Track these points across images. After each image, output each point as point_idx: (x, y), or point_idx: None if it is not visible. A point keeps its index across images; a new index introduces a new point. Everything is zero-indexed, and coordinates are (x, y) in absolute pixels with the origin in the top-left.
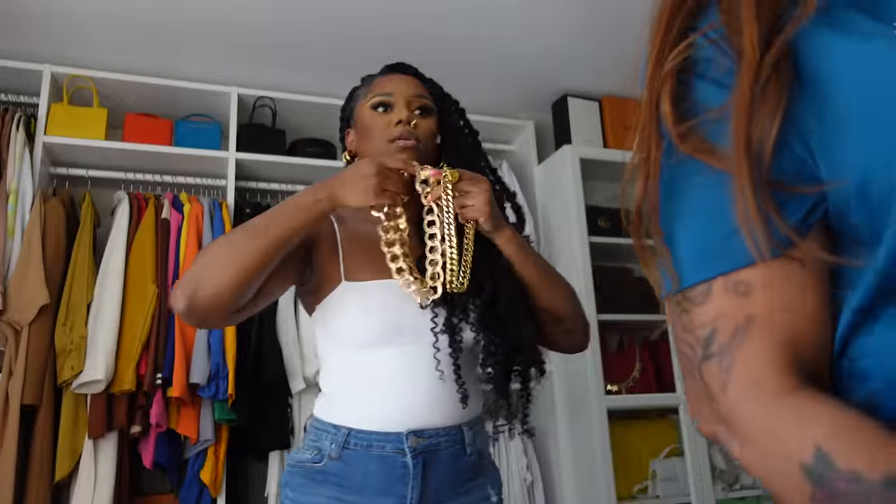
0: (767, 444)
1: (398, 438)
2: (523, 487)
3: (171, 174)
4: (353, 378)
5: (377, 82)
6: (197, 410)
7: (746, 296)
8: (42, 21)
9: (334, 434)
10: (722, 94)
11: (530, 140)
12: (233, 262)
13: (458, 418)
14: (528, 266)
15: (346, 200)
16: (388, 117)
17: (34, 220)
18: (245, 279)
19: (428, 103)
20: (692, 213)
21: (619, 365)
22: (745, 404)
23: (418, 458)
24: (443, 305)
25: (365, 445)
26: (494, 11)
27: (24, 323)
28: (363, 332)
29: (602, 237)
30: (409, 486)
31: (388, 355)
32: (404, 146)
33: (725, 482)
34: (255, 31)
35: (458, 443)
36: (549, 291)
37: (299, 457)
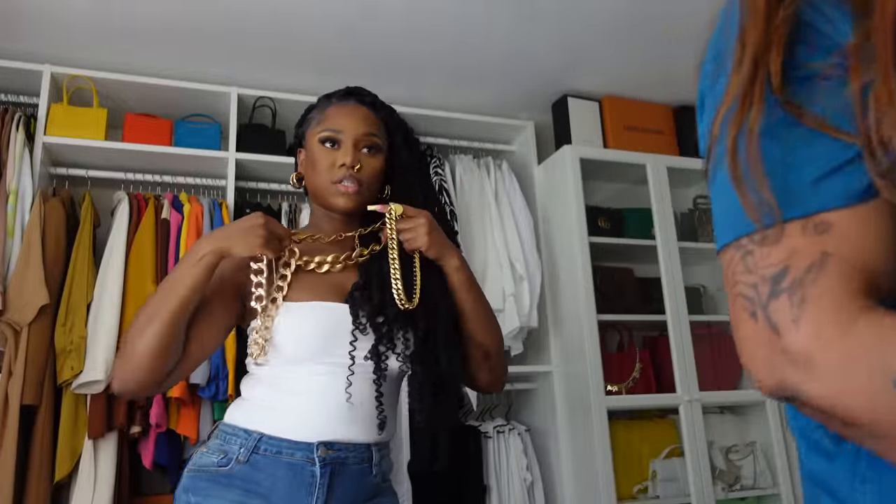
0: (850, 368)
1: (308, 447)
2: (523, 487)
3: (171, 174)
4: (275, 388)
5: (329, 113)
6: (197, 411)
7: (824, 234)
8: (42, 21)
9: (244, 438)
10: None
11: (530, 140)
12: (141, 349)
13: (369, 438)
14: (472, 297)
15: (232, 251)
16: (335, 155)
17: (34, 220)
18: (156, 358)
19: (377, 141)
20: (786, 161)
21: (619, 365)
22: (820, 332)
23: (326, 469)
24: (373, 332)
25: (275, 451)
26: (494, 12)
27: (24, 323)
28: (295, 348)
29: (602, 237)
30: (315, 495)
31: (313, 370)
32: (345, 191)
33: (725, 482)
34: (255, 31)
35: (365, 461)
36: (486, 326)
37: (203, 461)
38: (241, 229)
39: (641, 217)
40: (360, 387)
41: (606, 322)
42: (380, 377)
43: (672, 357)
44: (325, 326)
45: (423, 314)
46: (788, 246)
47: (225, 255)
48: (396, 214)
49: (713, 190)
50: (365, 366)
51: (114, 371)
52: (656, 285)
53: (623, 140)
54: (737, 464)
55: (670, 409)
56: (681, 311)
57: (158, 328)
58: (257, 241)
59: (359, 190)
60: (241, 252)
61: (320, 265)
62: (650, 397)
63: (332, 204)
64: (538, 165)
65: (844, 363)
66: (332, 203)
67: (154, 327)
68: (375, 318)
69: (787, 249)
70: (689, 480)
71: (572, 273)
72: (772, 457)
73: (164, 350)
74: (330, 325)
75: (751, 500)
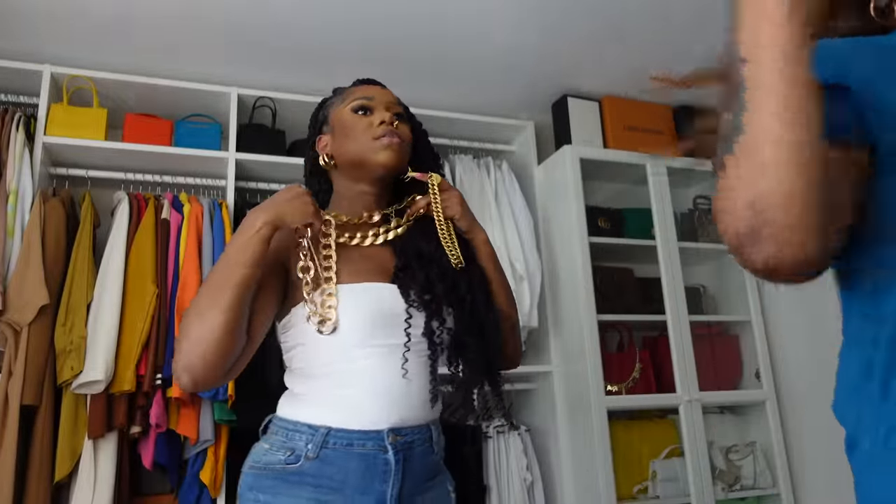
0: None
1: (379, 436)
2: (523, 487)
3: (171, 174)
4: (330, 378)
5: (353, 90)
6: (197, 411)
7: None
8: (42, 21)
9: (311, 434)
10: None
11: (530, 140)
12: (212, 332)
13: (427, 417)
14: (497, 270)
15: (286, 220)
16: (370, 119)
17: (34, 220)
18: (231, 340)
19: (403, 112)
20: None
21: (619, 365)
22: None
23: (399, 455)
24: (424, 309)
25: (345, 444)
26: (494, 12)
27: (24, 323)
28: (352, 332)
29: (602, 237)
30: (391, 482)
31: (367, 354)
32: (390, 142)
33: (725, 482)
34: (255, 31)
35: (427, 441)
36: (510, 298)
37: (268, 459)
38: (288, 200)
39: (641, 217)
40: (414, 366)
41: (606, 322)
42: (434, 353)
43: (672, 357)
44: (380, 308)
45: (465, 287)
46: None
47: (279, 225)
48: (437, 182)
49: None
50: (415, 344)
51: (178, 362)
52: (656, 285)
53: (623, 140)
54: (737, 464)
55: (670, 409)
56: (681, 311)
57: (225, 307)
58: (309, 210)
59: (401, 143)
60: (295, 221)
61: (363, 239)
62: (650, 397)
63: (376, 161)
64: (538, 165)
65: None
66: (375, 161)
67: (220, 307)
68: (424, 296)
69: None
70: (689, 480)
71: (572, 273)
72: (772, 457)
73: (231, 330)
74: (384, 307)
75: (751, 500)
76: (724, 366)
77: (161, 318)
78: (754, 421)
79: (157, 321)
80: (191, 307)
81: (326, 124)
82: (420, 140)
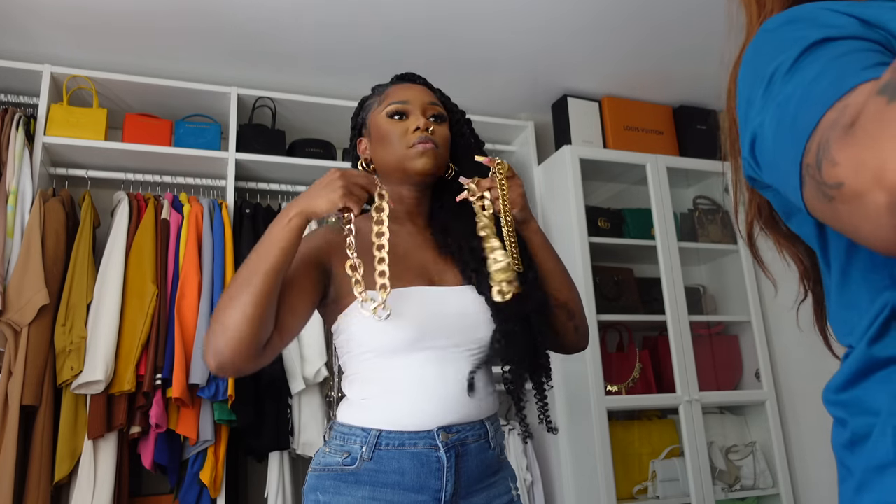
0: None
1: (429, 435)
2: (523, 487)
3: (171, 174)
4: (379, 383)
5: (390, 91)
6: (196, 411)
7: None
8: (42, 21)
9: (364, 437)
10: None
11: (530, 140)
12: (238, 318)
13: (480, 414)
14: (553, 257)
15: (314, 209)
16: (405, 125)
17: (34, 220)
18: (253, 328)
19: (441, 111)
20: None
21: (619, 365)
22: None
23: (451, 452)
24: (495, 316)
25: (397, 445)
26: (494, 12)
27: (24, 323)
28: (386, 342)
29: (602, 237)
30: (444, 479)
31: (416, 359)
32: (424, 150)
33: (725, 482)
34: (255, 31)
35: (482, 437)
36: (567, 284)
37: (327, 461)
38: (319, 187)
39: (641, 217)
40: (462, 368)
41: (606, 322)
42: (486, 358)
43: (672, 357)
44: (420, 315)
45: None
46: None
47: (310, 215)
48: (504, 170)
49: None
50: (462, 346)
51: (208, 346)
52: (656, 285)
53: (623, 140)
54: (737, 464)
55: (670, 410)
56: (681, 311)
57: (254, 294)
58: (336, 194)
59: (436, 150)
60: (323, 208)
61: (408, 235)
62: (650, 397)
63: (412, 168)
64: (538, 165)
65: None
66: (411, 168)
67: (249, 294)
68: (492, 303)
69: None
70: (689, 480)
71: (572, 273)
72: (772, 457)
73: (260, 317)
74: (424, 313)
75: (751, 500)
76: (723, 366)
77: (161, 318)
78: (754, 421)
79: (157, 321)
80: (224, 294)
81: (365, 127)
82: (463, 137)
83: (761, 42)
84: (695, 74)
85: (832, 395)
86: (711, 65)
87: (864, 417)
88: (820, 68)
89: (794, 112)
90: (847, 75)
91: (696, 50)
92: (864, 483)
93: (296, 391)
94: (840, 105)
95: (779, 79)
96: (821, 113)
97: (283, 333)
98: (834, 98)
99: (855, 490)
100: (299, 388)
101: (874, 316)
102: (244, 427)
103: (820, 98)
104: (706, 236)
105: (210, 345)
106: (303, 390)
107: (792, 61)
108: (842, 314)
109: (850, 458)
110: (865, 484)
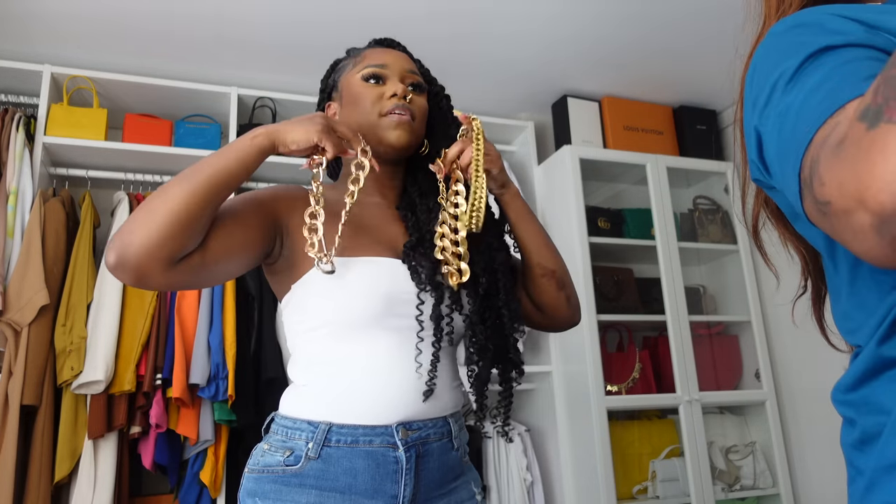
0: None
1: (387, 431)
2: (523, 487)
3: (171, 174)
4: (332, 366)
5: (367, 54)
6: (197, 411)
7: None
8: (42, 21)
9: (311, 431)
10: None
11: (530, 140)
12: (162, 209)
13: (443, 410)
14: (534, 224)
15: (286, 136)
16: (381, 90)
17: (34, 220)
18: (176, 225)
19: (420, 81)
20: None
21: (619, 365)
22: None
23: (410, 452)
24: (433, 291)
25: (349, 441)
26: (494, 12)
27: (24, 323)
28: (349, 312)
29: (602, 237)
30: (402, 483)
31: (374, 339)
32: (399, 121)
33: (725, 482)
34: (254, 31)
35: (445, 436)
36: (552, 251)
37: (267, 461)
38: (298, 120)
39: (641, 217)
40: (426, 355)
41: (606, 322)
42: (439, 341)
43: (672, 357)
44: (389, 288)
45: (482, 266)
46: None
47: (278, 142)
48: (482, 129)
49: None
50: (426, 330)
51: (116, 237)
52: (656, 285)
53: (623, 140)
54: (737, 464)
55: (670, 409)
56: (680, 311)
57: (188, 190)
58: (314, 129)
59: (411, 123)
60: (297, 138)
61: (374, 206)
62: (650, 397)
63: (384, 139)
64: (538, 166)
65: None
66: (384, 139)
67: (183, 189)
68: (435, 276)
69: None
70: (688, 480)
71: (572, 273)
72: (772, 457)
73: (186, 218)
74: (394, 287)
75: (751, 500)
76: (723, 366)
77: (161, 318)
78: (754, 421)
79: (157, 321)
80: (155, 191)
81: (336, 90)
82: (439, 108)
83: (768, 46)
84: (695, 74)
85: (841, 395)
86: (711, 65)
87: (873, 417)
88: (819, 79)
89: (792, 124)
90: (843, 88)
91: (696, 50)
92: (874, 483)
93: None
94: (832, 122)
95: (781, 87)
96: (815, 128)
97: (206, 258)
98: (827, 113)
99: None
100: None
101: (883, 316)
102: (244, 427)
103: (815, 112)
104: (706, 236)
105: (118, 235)
106: None
107: (794, 70)
108: (850, 314)
109: (860, 457)
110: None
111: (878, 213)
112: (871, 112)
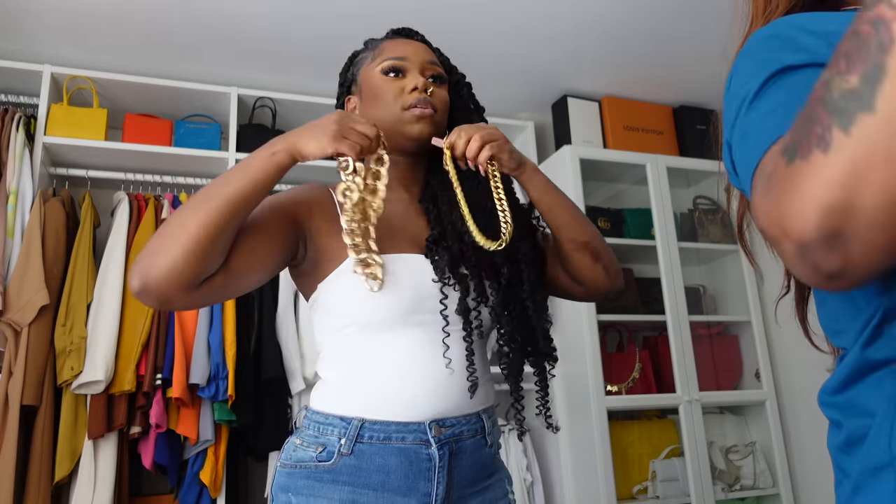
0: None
1: (420, 428)
2: (523, 487)
3: (171, 174)
4: (363, 363)
5: (385, 46)
6: (197, 411)
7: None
8: (42, 21)
9: (343, 427)
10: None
11: (530, 140)
12: (182, 234)
13: (476, 406)
14: (558, 196)
15: (304, 149)
16: (402, 83)
17: (34, 220)
18: (197, 250)
19: (441, 72)
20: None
21: (619, 365)
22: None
23: (444, 449)
24: (457, 284)
25: (382, 438)
26: (494, 12)
27: (24, 323)
28: (377, 310)
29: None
30: (435, 481)
31: (404, 336)
32: (421, 115)
33: (725, 482)
34: (254, 31)
35: (478, 432)
36: (582, 222)
37: (299, 456)
38: (312, 126)
39: (641, 217)
40: (457, 350)
41: (606, 322)
42: (470, 335)
43: (672, 357)
44: (411, 283)
45: (504, 256)
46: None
47: (297, 155)
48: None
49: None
50: (454, 325)
51: (137, 262)
52: (656, 285)
53: (623, 140)
54: (737, 464)
55: (670, 409)
56: (681, 311)
57: (207, 214)
58: (327, 137)
59: (434, 115)
60: (312, 150)
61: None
62: (650, 397)
63: (407, 133)
64: (538, 165)
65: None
66: (406, 133)
67: (202, 212)
68: (458, 269)
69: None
70: (688, 480)
71: None
72: (772, 457)
73: (206, 242)
74: (414, 281)
75: (751, 500)
76: (723, 366)
77: (161, 318)
78: (754, 421)
79: (157, 321)
80: (176, 210)
81: (355, 84)
82: (462, 100)
83: (745, 56)
84: (695, 74)
85: (827, 398)
86: (711, 65)
87: (859, 419)
88: (773, 104)
89: (750, 146)
90: (789, 116)
91: (696, 50)
92: (860, 485)
93: (296, 391)
94: (774, 150)
95: (745, 106)
96: (760, 155)
97: (229, 277)
98: (771, 141)
99: (851, 492)
100: (299, 388)
101: (868, 319)
102: (244, 427)
103: (763, 138)
104: (706, 236)
105: (140, 260)
106: (303, 390)
107: (756, 91)
108: (836, 316)
109: (846, 460)
110: (861, 486)
111: (797, 242)
112: (789, 149)
